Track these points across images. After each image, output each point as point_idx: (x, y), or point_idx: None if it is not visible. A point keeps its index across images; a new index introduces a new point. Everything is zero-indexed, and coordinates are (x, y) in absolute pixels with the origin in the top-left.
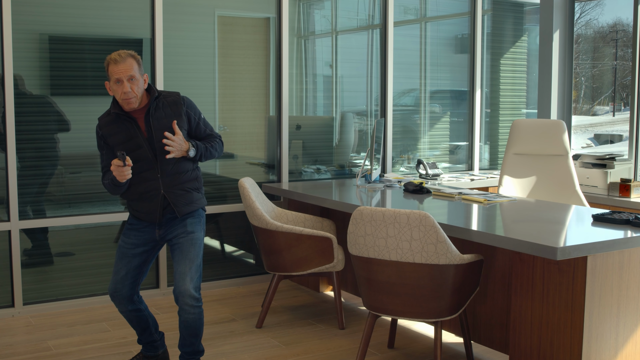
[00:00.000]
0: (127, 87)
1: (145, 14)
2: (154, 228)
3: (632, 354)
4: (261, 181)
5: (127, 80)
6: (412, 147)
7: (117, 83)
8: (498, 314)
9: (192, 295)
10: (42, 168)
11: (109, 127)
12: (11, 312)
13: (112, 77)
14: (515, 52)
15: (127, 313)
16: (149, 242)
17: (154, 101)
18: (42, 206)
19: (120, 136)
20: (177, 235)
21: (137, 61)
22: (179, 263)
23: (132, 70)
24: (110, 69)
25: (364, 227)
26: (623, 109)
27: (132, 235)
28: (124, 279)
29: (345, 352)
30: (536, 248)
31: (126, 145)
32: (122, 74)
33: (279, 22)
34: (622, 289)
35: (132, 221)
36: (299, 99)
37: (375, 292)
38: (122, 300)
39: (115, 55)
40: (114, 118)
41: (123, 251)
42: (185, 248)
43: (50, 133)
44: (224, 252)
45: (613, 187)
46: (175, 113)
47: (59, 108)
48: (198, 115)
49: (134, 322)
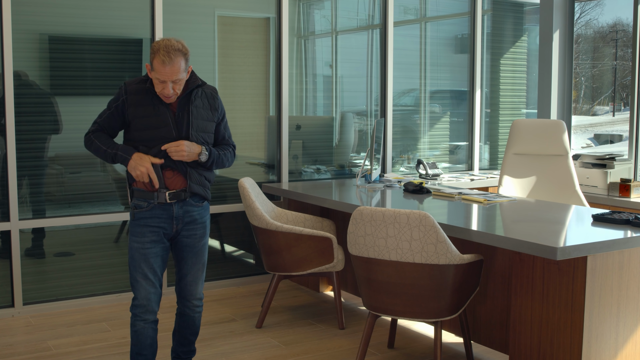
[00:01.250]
0: (169, 91)
1: (145, 14)
2: (170, 221)
3: (632, 354)
4: (261, 181)
5: (171, 82)
6: (412, 147)
7: (160, 82)
8: (498, 314)
9: (200, 298)
10: (42, 168)
11: (137, 96)
12: (11, 312)
13: (156, 73)
14: (515, 52)
15: (152, 328)
16: (165, 237)
17: (196, 88)
18: (42, 206)
19: (146, 109)
20: (192, 237)
21: (186, 58)
22: (193, 266)
23: (179, 73)
24: (156, 65)
25: (364, 227)
26: (623, 109)
27: (147, 233)
28: (154, 285)
29: (345, 352)
30: (536, 248)
31: (151, 120)
32: (168, 77)
33: (279, 22)
34: (622, 289)
35: (142, 215)
36: (299, 99)
37: (375, 292)
38: (155, 310)
39: (164, 53)
40: (145, 89)
41: (143, 252)
42: (201, 252)
43: (47, 133)
44: (224, 252)
45: (613, 187)
46: (212, 106)
47: (57, 108)
48: (223, 115)
49: (148, 342)
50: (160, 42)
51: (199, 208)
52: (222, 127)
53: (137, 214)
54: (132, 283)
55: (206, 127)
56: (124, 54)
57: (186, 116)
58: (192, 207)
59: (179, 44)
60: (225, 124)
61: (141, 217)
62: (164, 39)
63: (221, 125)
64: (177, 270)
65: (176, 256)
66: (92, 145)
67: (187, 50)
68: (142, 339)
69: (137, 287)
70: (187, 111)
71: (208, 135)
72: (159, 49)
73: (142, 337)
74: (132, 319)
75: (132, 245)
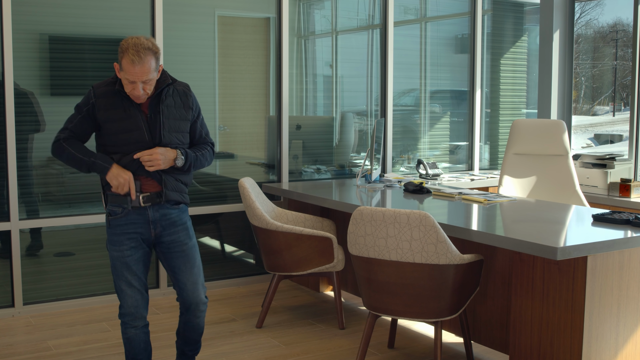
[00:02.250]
0: (139, 91)
1: (145, 14)
2: (147, 226)
3: (632, 354)
4: (261, 181)
5: (141, 82)
6: (412, 147)
7: (130, 83)
8: (498, 314)
9: (205, 302)
10: (42, 168)
11: (106, 99)
12: (11, 312)
13: (125, 74)
14: (515, 52)
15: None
16: (145, 242)
17: (166, 87)
18: (42, 206)
19: (117, 113)
20: (177, 241)
21: (157, 57)
22: (188, 272)
23: (149, 73)
24: (125, 65)
25: (364, 227)
26: (623, 109)
27: (124, 240)
28: (140, 291)
29: (345, 352)
30: (536, 248)
31: (123, 123)
32: (138, 77)
33: (279, 22)
34: (622, 289)
35: (118, 222)
36: (299, 99)
37: (375, 292)
38: (144, 315)
39: (133, 52)
40: (113, 92)
41: (124, 261)
42: (191, 255)
43: (28, 132)
44: (224, 252)
45: (613, 187)
46: (185, 104)
47: (38, 108)
48: (198, 112)
49: (142, 346)
50: (129, 41)
51: (176, 210)
52: (199, 124)
53: (112, 221)
54: (118, 291)
55: (179, 126)
56: None
57: (158, 117)
58: (169, 210)
59: (148, 42)
60: (201, 121)
61: (117, 225)
62: (133, 37)
63: (197, 123)
64: (175, 281)
65: (168, 266)
66: (63, 152)
67: (157, 48)
68: (135, 344)
69: (123, 296)
70: (158, 111)
71: (182, 135)
72: (128, 47)
73: (136, 343)
74: (123, 327)
75: (112, 254)
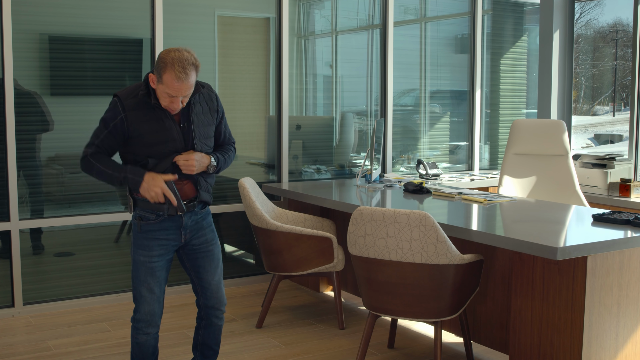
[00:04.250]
0: (179, 105)
1: (145, 14)
2: (178, 232)
3: (632, 354)
4: (261, 181)
5: (182, 97)
6: (412, 147)
7: (169, 96)
8: (498, 314)
9: (225, 303)
10: (42, 168)
11: (138, 111)
12: (11, 312)
13: (166, 88)
14: (515, 52)
15: (154, 338)
16: (173, 248)
17: (195, 95)
18: (42, 206)
19: (151, 125)
20: (205, 242)
21: (198, 71)
22: (212, 271)
23: (191, 88)
24: (167, 79)
25: (364, 227)
26: (623, 109)
27: (155, 246)
28: (159, 298)
29: (345, 352)
30: (536, 248)
31: (157, 135)
32: (181, 93)
33: (279, 22)
34: (622, 289)
35: (150, 228)
36: (299, 99)
37: (375, 292)
38: (157, 323)
39: (179, 69)
40: (143, 103)
41: (150, 266)
42: (217, 255)
43: (37, 132)
44: (224, 252)
45: (613, 187)
46: (211, 108)
47: (45, 108)
48: (222, 113)
49: (150, 351)
50: (173, 55)
51: (204, 213)
52: (223, 126)
53: (143, 226)
54: (136, 296)
55: (208, 132)
56: (124, 54)
57: (190, 126)
58: (199, 215)
59: (192, 56)
60: (225, 122)
61: (149, 230)
62: (174, 50)
63: (222, 124)
64: (198, 280)
65: (194, 266)
66: (93, 168)
67: (199, 63)
68: (144, 349)
69: (141, 302)
70: (189, 120)
71: (210, 140)
72: (173, 63)
73: (145, 348)
74: (134, 331)
75: (138, 258)
